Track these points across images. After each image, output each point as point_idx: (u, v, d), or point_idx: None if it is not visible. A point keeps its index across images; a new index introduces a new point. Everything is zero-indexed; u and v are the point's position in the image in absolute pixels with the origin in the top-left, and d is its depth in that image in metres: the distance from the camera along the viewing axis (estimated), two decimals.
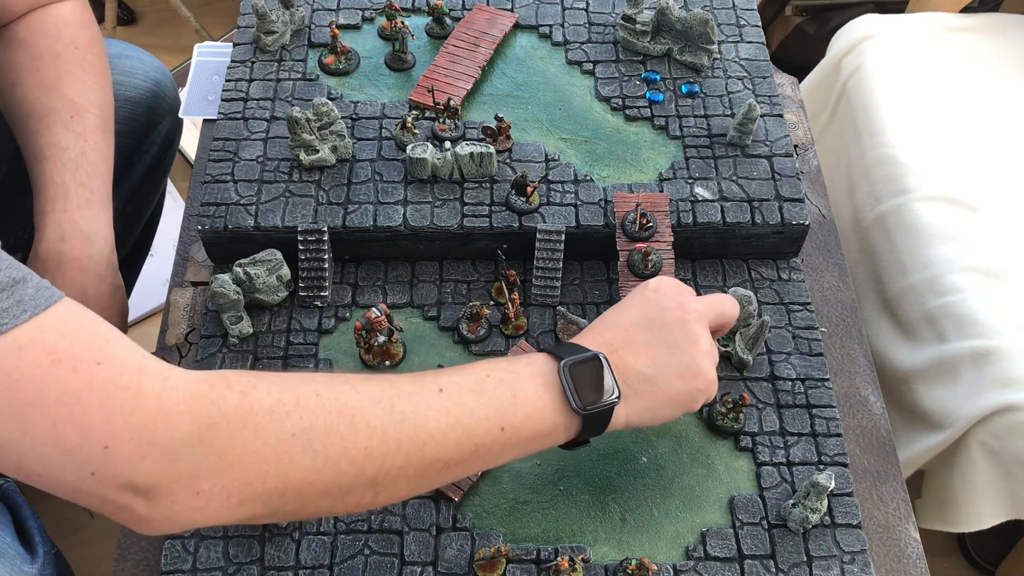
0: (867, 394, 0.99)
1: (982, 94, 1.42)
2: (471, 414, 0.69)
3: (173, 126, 1.30)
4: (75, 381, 0.58)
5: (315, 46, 1.15)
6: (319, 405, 0.64)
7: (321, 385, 0.66)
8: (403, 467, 0.66)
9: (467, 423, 0.68)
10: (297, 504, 0.65)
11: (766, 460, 0.89)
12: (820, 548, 0.84)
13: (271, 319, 0.98)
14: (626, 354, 0.76)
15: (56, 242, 0.95)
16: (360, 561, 0.83)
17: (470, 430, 0.68)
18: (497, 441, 0.70)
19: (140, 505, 0.60)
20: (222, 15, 2.31)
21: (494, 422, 0.69)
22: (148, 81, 1.24)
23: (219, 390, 0.62)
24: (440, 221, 0.99)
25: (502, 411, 0.70)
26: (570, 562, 0.80)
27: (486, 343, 0.97)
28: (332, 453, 0.64)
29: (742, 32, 1.17)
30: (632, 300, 0.81)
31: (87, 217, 0.97)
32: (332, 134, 1.02)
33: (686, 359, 0.76)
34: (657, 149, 1.07)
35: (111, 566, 0.87)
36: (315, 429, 0.63)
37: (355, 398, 0.66)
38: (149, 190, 1.31)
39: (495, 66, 1.15)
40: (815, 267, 1.08)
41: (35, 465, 0.58)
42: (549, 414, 0.72)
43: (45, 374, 0.57)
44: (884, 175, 1.34)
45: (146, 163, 1.27)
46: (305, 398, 0.64)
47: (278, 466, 0.62)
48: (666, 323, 0.77)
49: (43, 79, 0.99)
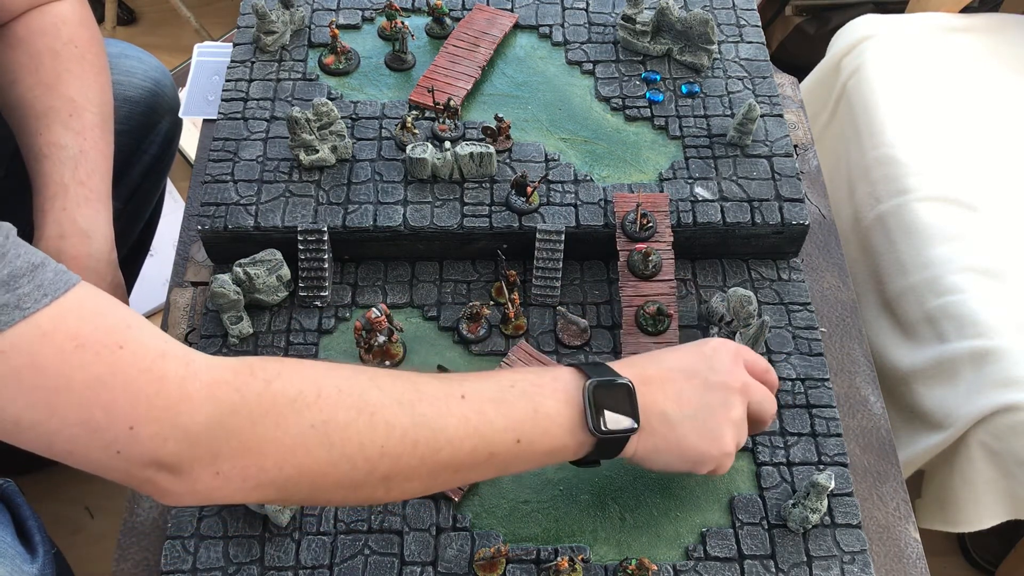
0: (867, 394, 0.99)
1: (982, 94, 1.42)
2: (490, 424, 0.69)
3: (172, 126, 1.30)
4: (99, 365, 0.59)
5: (315, 46, 1.15)
6: (340, 400, 0.65)
7: (344, 379, 0.67)
8: (417, 467, 0.67)
9: (485, 432, 0.69)
10: (310, 492, 0.67)
11: (766, 460, 0.89)
12: (820, 548, 0.84)
13: (271, 319, 0.98)
14: (657, 391, 0.76)
15: (55, 240, 0.95)
16: (360, 561, 0.83)
17: (487, 439, 0.69)
18: (511, 452, 0.71)
19: (164, 479, 0.62)
20: (222, 15, 2.31)
21: (511, 434, 0.70)
22: (147, 81, 1.24)
23: (243, 377, 0.63)
24: (440, 221, 0.99)
25: (521, 424, 0.70)
26: (570, 562, 0.80)
27: (486, 343, 0.97)
28: (348, 448, 0.65)
29: (742, 32, 1.17)
30: (687, 348, 0.80)
31: (86, 215, 0.97)
32: (332, 134, 1.02)
33: (712, 422, 0.76)
34: (657, 149, 1.07)
35: (111, 566, 0.87)
36: (334, 423, 0.64)
37: (377, 396, 0.67)
38: (148, 190, 1.31)
39: (495, 66, 1.15)
40: (815, 267, 1.08)
41: (64, 444, 0.60)
42: (566, 431, 0.72)
43: (70, 359, 0.59)
44: (884, 175, 1.34)
45: (145, 163, 1.27)
46: (327, 391, 0.65)
47: (295, 456, 0.64)
48: (709, 381, 0.77)
49: (42, 78, 0.99)
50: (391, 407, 0.67)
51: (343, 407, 0.65)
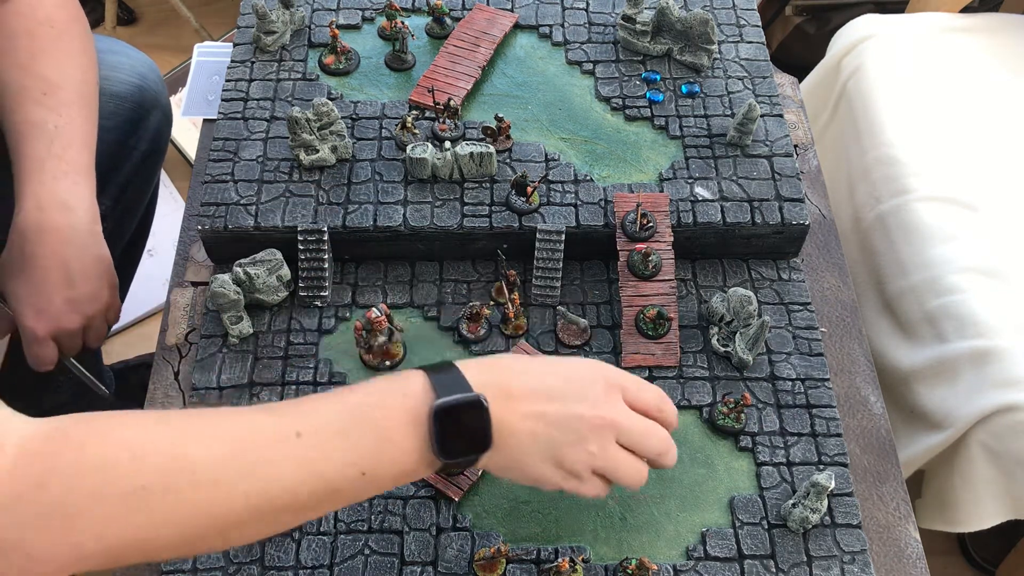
0: (867, 394, 0.99)
1: (982, 94, 1.42)
2: (330, 461, 0.64)
3: (162, 121, 1.28)
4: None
5: (315, 46, 1.15)
6: (158, 462, 0.60)
7: (162, 437, 0.62)
8: (253, 518, 0.63)
9: (325, 471, 0.64)
10: (141, 557, 0.62)
11: (766, 460, 0.89)
12: (820, 548, 0.84)
13: (271, 319, 0.98)
14: (514, 410, 0.70)
15: (34, 212, 0.95)
16: (360, 561, 0.83)
17: (327, 478, 0.64)
18: (356, 486, 0.66)
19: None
20: (222, 15, 2.31)
21: (355, 468, 0.65)
22: (134, 76, 1.23)
23: (54, 445, 0.59)
24: (440, 221, 0.99)
25: (365, 456, 0.65)
26: (570, 563, 0.80)
27: (486, 343, 0.97)
28: (172, 513, 0.60)
29: (742, 32, 1.17)
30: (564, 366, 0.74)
31: (65, 187, 0.96)
32: (332, 134, 1.02)
33: (560, 452, 0.71)
34: (657, 149, 1.07)
35: None
36: (152, 488, 0.60)
37: (199, 453, 0.62)
38: (140, 187, 1.29)
39: (495, 66, 1.15)
40: (815, 267, 1.08)
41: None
42: (414, 459, 0.67)
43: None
44: (884, 175, 1.34)
45: (135, 159, 1.25)
46: (142, 454, 0.60)
47: (111, 527, 0.59)
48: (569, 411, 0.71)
49: (17, 59, 1.00)
50: (216, 463, 0.61)
51: (162, 470, 0.60)
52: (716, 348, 0.95)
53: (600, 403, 0.72)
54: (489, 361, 0.73)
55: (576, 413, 0.71)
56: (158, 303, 1.70)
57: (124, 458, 0.60)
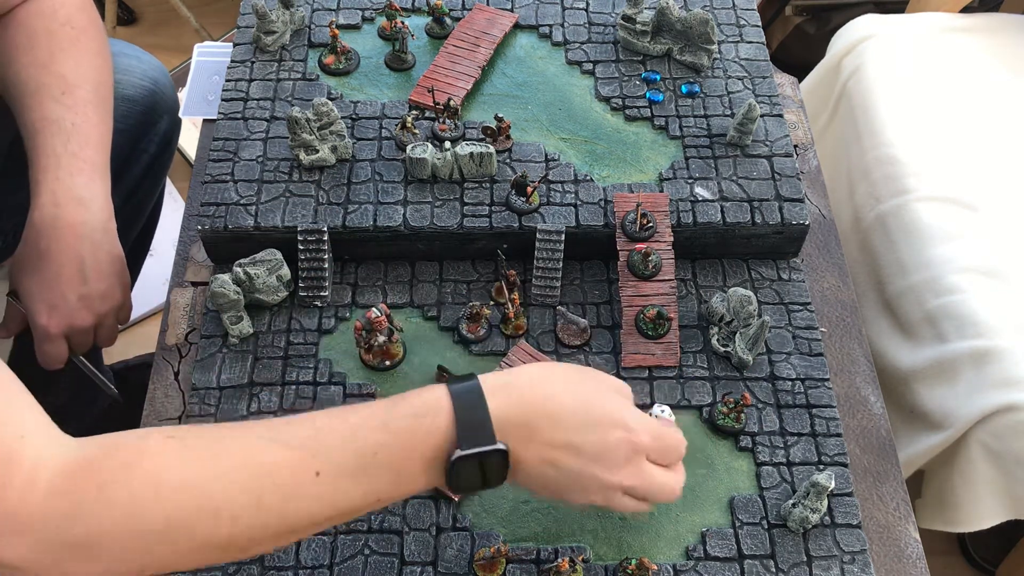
0: (867, 394, 0.99)
1: (982, 94, 1.42)
2: (347, 497, 0.67)
3: (171, 125, 1.30)
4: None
5: (315, 46, 1.15)
6: (180, 500, 0.63)
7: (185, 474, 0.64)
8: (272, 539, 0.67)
9: (341, 503, 0.67)
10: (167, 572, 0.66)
11: (766, 460, 0.89)
12: (820, 548, 0.84)
13: (271, 319, 0.98)
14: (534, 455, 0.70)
15: (50, 207, 0.95)
16: (360, 561, 0.83)
17: (343, 509, 0.68)
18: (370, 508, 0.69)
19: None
20: (222, 15, 2.31)
21: (371, 498, 0.68)
22: (146, 80, 1.24)
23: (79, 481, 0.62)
24: (440, 221, 0.99)
25: (381, 491, 0.68)
26: (570, 563, 0.80)
27: (486, 343, 0.97)
28: (193, 544, 0.64)
29: (742, 32, 1.17)
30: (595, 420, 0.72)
31: (80, 183, 0.97)
32: (332, 134, 1.02)
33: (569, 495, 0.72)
34: (657, 149, 1.07)
35: None
36: (174, 523, 0.63)
37: (220, 491, 0.64)
38: (148, 189, 1.31)
39: (495, 66, 1.15)
40: (815, 267, 1.08)
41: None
42: (426, 484, 0.70)
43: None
44: (884, 175, 1.34)
45: (144, 162, 1.27)
46: (165, 492, 0.63)
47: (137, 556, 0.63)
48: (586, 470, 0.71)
49: (36, 57, 1.00)
50: (236, 500, 0.64)
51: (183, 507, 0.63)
52: (716, 348, 0.95)
53: (619, 471, 0.72)
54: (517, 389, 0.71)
55: (591, 472, 0.71)
56: (158, 303, 1.70)
57: (149, 496, 0.63)
